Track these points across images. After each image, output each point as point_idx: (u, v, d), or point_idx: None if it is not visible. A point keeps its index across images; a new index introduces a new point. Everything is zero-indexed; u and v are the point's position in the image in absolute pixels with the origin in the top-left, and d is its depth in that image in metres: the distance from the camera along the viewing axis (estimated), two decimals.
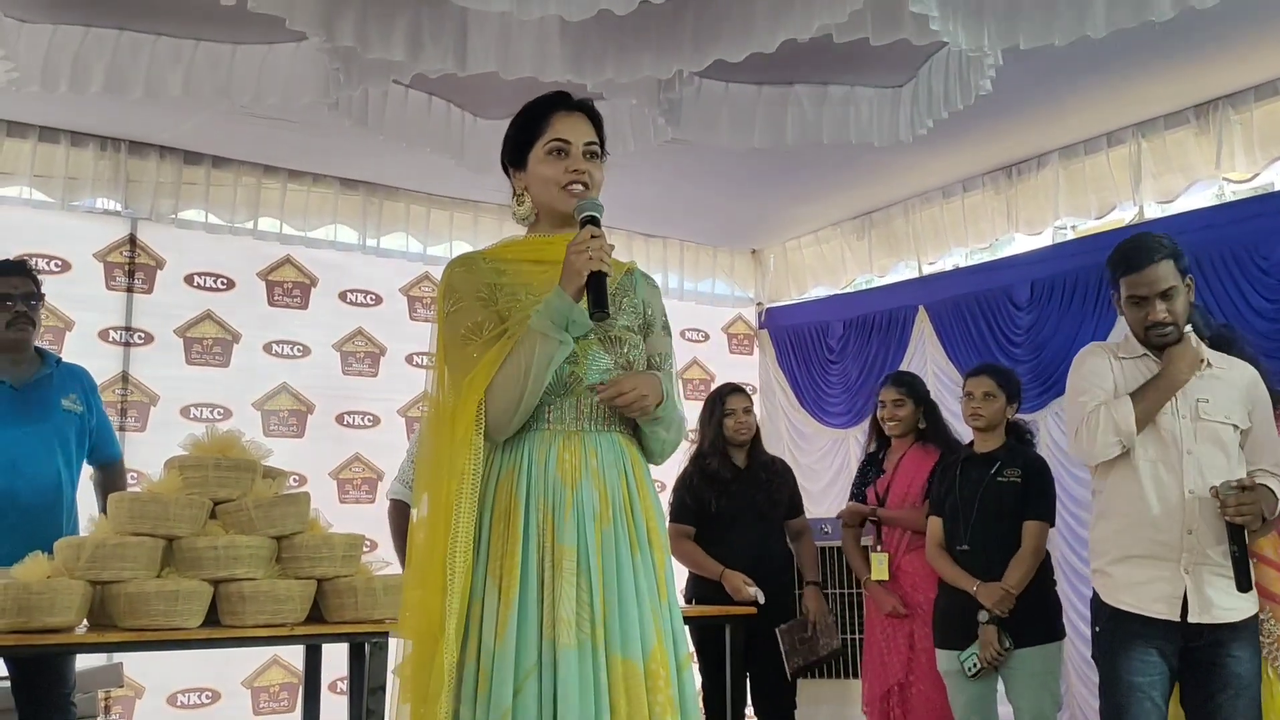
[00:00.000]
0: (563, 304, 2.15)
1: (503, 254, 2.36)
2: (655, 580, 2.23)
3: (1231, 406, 3.18)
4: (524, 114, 2.39)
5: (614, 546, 2.18)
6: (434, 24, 3.80)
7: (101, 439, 4.08)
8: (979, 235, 6.15)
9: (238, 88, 4.29)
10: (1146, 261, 3.15)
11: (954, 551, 4.17)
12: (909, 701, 4.47)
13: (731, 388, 4.95)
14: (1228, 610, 3.05)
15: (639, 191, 6.19)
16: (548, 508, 2.17)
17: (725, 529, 4.69)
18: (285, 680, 5.60)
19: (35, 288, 3.93)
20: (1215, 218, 5.03)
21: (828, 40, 3.68)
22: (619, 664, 2.11)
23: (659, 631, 2.18)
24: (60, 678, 3.69)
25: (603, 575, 2.15)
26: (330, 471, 5.97)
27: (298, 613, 3.42)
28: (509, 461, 2.22)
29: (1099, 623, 3.20)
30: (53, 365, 3.96)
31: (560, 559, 2.13)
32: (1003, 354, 5.68)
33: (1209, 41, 4.41)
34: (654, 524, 2.29)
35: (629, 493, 2.27)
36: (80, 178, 5.35)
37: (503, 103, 4.71)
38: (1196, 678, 3.09)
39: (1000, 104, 4.75)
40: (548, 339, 2.14)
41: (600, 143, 2.36)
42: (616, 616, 2.13)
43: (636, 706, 2.09)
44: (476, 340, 2.20)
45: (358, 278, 6.22)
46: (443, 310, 2.28)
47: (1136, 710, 3.04)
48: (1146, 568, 3.10)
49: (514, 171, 2.39)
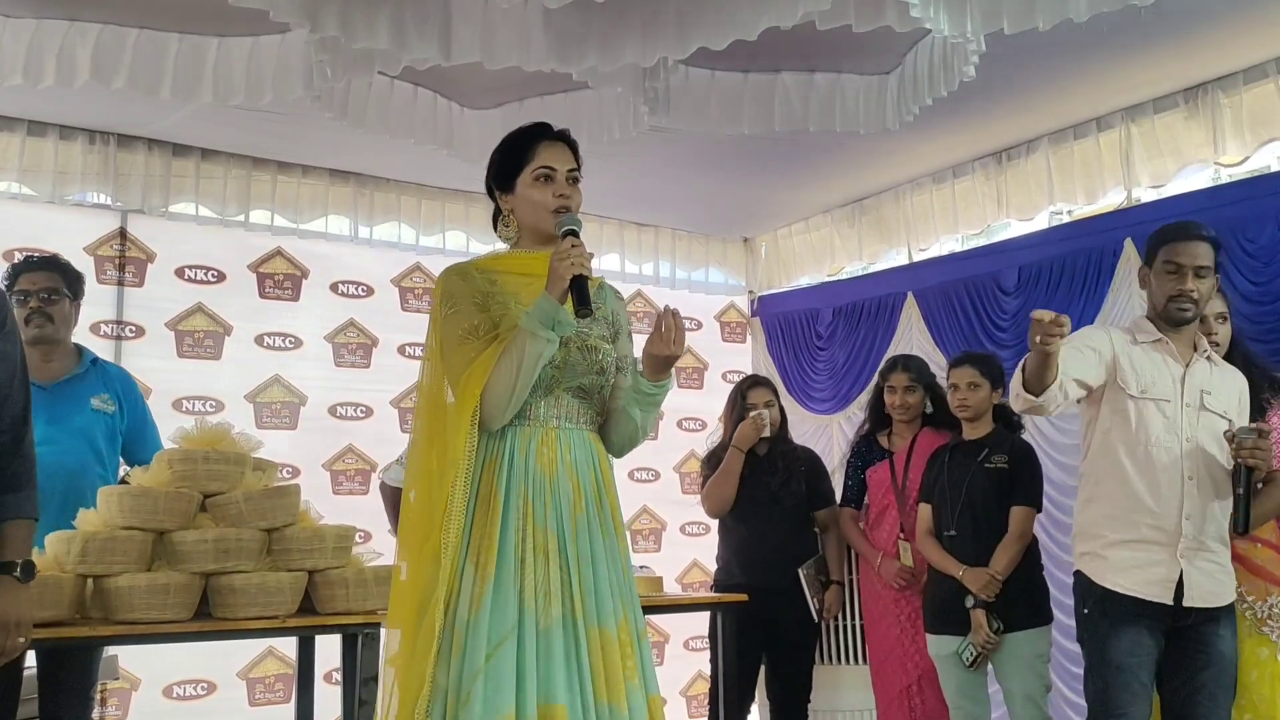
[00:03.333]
0: (550, 305, 2.40)
1: (494, 265, 2.62)
2: (620, 561, 2.52)
3: (1229, 403, 3.26)
4: (511, 142, 2.64)
5: (587, 531, 2.47)
6: (418, 13, 3.80)
7: (133, 439, 4.04)
8: (970, 221, 6.15)
9: (223, 82, 4.29)
10: (1192, 235, 3.23)
11: (942, 537, 4.20)
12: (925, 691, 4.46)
13: (754, 381, 5.03)
14: (1218, 594, 3.13)
15: (631, 181, 6.20)
16: (528, 496, 2.43)
17: (740, 518, 4.77)
18: (280, 671, 5.62)
19: (61, 283, 3.89)
20: (1204, 201, 5.02)
21: (812, 27, 3.68)
22: (596, 633, 2.40)
23: (625, 606, 2.48)
24: (85, 671, 3.71)
25: (578, 557, 2.43)
26: (324, 463, 5.98)
27: (289, 605, 3.42)
28: (493, 453, 2.47)
29: (1087, 604, 3.23)
30: (88, 364, 3.94)
31: (543, 542, 2.41)
32: (989, 339, 5.69)
33: (1197, 25, 4.40)
34: (617, 512, 2.57)
35: (598, 483, 2.54)
36: (69, 171, 5.34)
37: (488, 92, 4.73)
38: (1182, 657, 3.14)
39: (989, 89, 4.76)
40: (536, 337, 2.38)
41: (578, 167, 2.62)
42: (593, 593, 2.42)
43: (612, 670, 2.38)
44: (473, 341, 2.45)
45: (349, 269, 6.22)
46: (440, 314, 2.53)
47: (1124, 690, 3.09)
48: (1142, 551, 3.14)
49: (501, 194, 2.65)
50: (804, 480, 4.82)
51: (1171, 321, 3.26)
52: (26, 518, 2.66)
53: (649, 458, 7.13)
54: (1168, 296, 3.23)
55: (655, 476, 7.16)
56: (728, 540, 4.93)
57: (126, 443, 4.03)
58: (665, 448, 7.21)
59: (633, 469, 7.03)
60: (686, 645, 6.96)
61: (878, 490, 4.71)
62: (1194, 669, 3.11)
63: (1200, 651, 3.11)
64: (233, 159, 5.75)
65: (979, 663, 4.06)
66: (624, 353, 2.67)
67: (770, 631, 4.70)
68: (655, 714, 2.45)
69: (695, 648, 6.92)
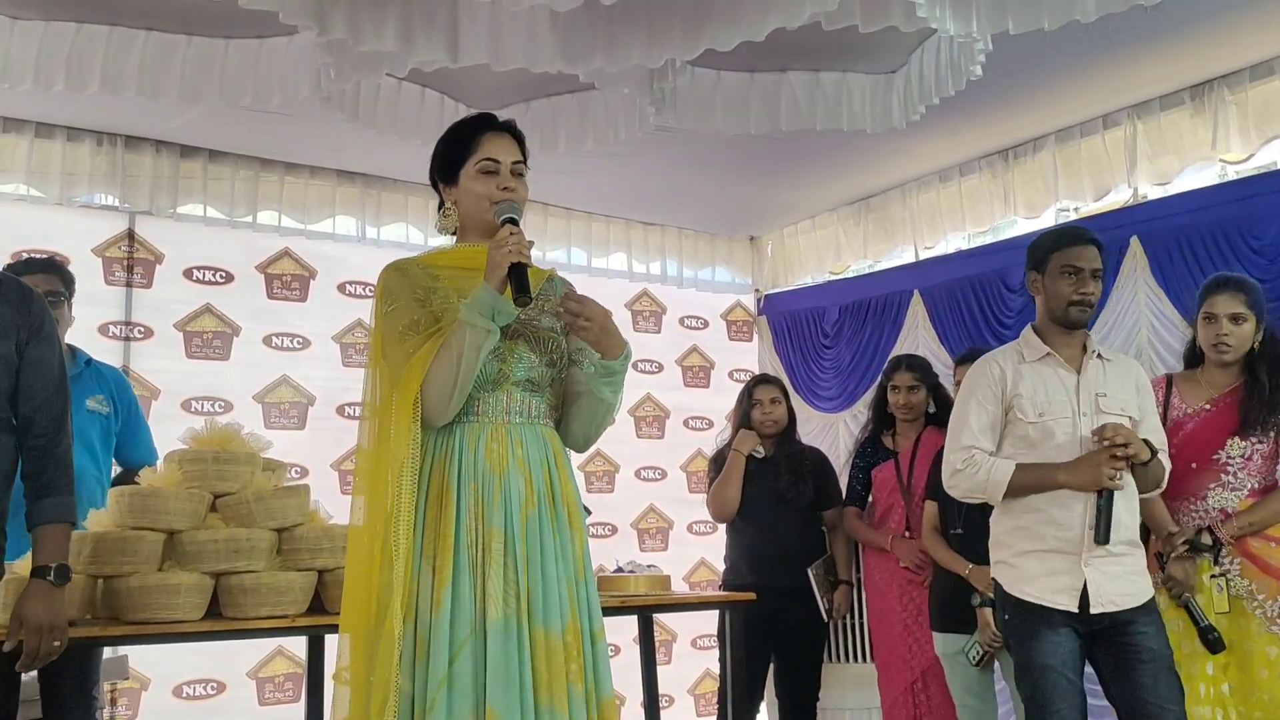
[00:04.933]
0: (488, 295, 2.33)
1: (436, 260, 2.56)
2: (574, 560, 2.45)
3: (1127, 398, 3.31)
4: (454, 133, 2.60)
5: (538, 530, 2.39)
6: (425, 15, 3.81)
7: (126, 441, 4.05)
8: (977, 219, 6.16)
9: (231, 85, 4.30)
10: (1086, 239, 3.31)
11: (948, 535, 4.21)
12: (930, 688, 4.47)
13: (761, 379, 5.04)
14: (1126, 596, 3.17)
15: (637, 181, 6.21)
16: (478, 493, 2.37)
17: (749, 518, 4.79)
18: (290, 671, 5.64)
19: (61, 285, 3.88)
20: (1209, 198, 5.04)
21: (818, 28, 3.69)
22: (541, 635, 2.32)
23: (574, 607, 2.40)
24: (84, 672, 3.72)
25: (526, 556, 2.36)
26: (332, 463, 5.99)
27: (299, 604, 3.44)
28: (441, 450, 2.41)
29: (1006, 611, 3.30)
30: (81, 365, 3.94)
31: (489, 541, 2.34)
32: (994, 337, 5.69)
33: (1203, 22, 4.41)
34: (574, 509, 2.49)
35: (551, 480, 2.46)
36: (77, 173, 5.35)
37: (496, 93, 4.74)
38: (1111, 659, 3.20)
39: (994, 88, 4.76)
40: (476, 328, 2.32)
41: (524, 159, 2.57)
42: (540, 593, 2.35)
43: (555, 673, 2.31)
44: (413, 336, 2.39)
45: (357, 269, 6.22)
46: (381, 310, 2.47)
47: (1053, 689, 3.14)
48: (1048, 561, 3.20)
49: (444, 186, 2.60)
50: (812, 480, 4.83)
51: (1070, 324, 3.30)
52: (63, 521, 2.69)
53: (656, 456, 7.15)
54: (1068, 300, 3.27)
55: (662, 475, 7.17)
56: (736, 540, 4.94)
57: (120, 444, 4.04)
58: (672, 446, 7.23)
59: (639, 468, 7.04)
60: (694, 644, 6.97)
61: (883, 490, 4.72)
62: (1126, 667, 3.15)
63: (1127, 652, 3.14)
64: (240, 160, 5.76)
65: (985, 661, 4.07)
66: (579, 345, 2.56)
67: (780, 631, 4.71)
68: (607, 717, 2.39)
69: (702, 646, 6.92)
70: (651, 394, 7.22)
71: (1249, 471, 3.56)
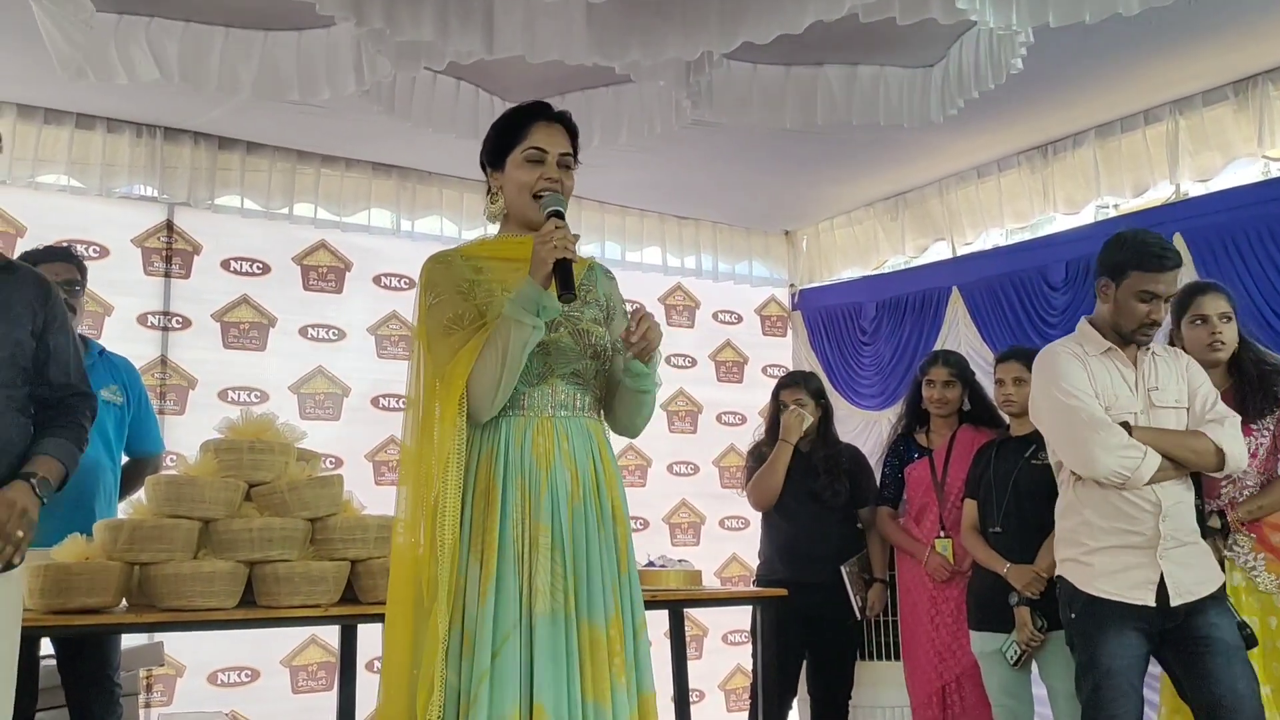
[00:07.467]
0: (533, 291, 2.33)
1: (478, 252, 2.54)
2: (617, 554, 2.45)
3: (1179, 389, 3.30)
4: (506, 119, 2.58)
5: (583, 523, 2.39)
6: (461, 7, 3.81)
7: (137, 430, 4.08)
8: (1015, 215, 6.10)
9: (269, 77, 4.32)
10: (1171, 265, 3.24)
11: (987, 534, 4.17)
12: (964, 688, 4.43)
13: (788, 380, 5.03)
14: (1202, 584, 3.15)
15: (672, 174, 6.19)
16: (525, 489, 2.37)
17: (785, 515, 4.79)
18: (323, 659, 5.68)
19: (77, 274, 3.91)
20: (1252, 195, 4.95)
21: (855, 20, 3.66)
22: (586, 629, 2.33)
23: (618, 601, 2.40)
24: (104, 658, 3.75)
25: (573, 550, 2.36)
26: (366, 454, 6.03)
27: (332, 594, 3.46)
28: (488, 444, 2.40)
29: (1073, 609, 3.27)
30: (95, 356, 3.95)
31: (537, 535, 2.34)
32: (1038, 335, 5.63)
33: (1247, 16, 4.33)
34: (618, 502, 2.49)
35: (596, 474, 2.46)
36: (117, 164, 5.41)
37: (531, 86, 4.74)
38: (1182, 652, 3.16)
39: (1033, 82, 4.70)
40: (521, 324, 2.31)
41: (574, 153, 2.55)
42: (585, 587, 2.35)
43: (599, 667, 2.32)
44: (458, 330, 2.39)
45: (392, 261, 6.26)
46: (425, 304, 2.46)
47: (1114, 692, 3.11)
48: (1124, 556, 3.17)
49: (491, 171, 2.58)
50: (848, 478, 4.80)
51: (1133, 343, 3.31)
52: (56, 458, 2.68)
53: (688, 451, 7.14)
54: (1140, 323, 3.25)
55: (694, 470, 7.16)
56: (772, 537, 4.92)
57: (130, 433, 4.07)
58: (704, 442, 7.21)
59: (671, 462, 7.03)
60: (725, 639, 6.95)
61: (917, 488, 4.68)
62: (1197, 658, 3.11)
63: (1198, 643, 3.11)
64: (277, 152, 5.80)
65: (1023, 661, 4.03)
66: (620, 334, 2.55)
67: (813, 628, 4.69)
68: (647, 712, 2.40)
69: (734, 642, 6.91)
70: (684, 389, 7.21)
71: (1254, 467, 3.56)
